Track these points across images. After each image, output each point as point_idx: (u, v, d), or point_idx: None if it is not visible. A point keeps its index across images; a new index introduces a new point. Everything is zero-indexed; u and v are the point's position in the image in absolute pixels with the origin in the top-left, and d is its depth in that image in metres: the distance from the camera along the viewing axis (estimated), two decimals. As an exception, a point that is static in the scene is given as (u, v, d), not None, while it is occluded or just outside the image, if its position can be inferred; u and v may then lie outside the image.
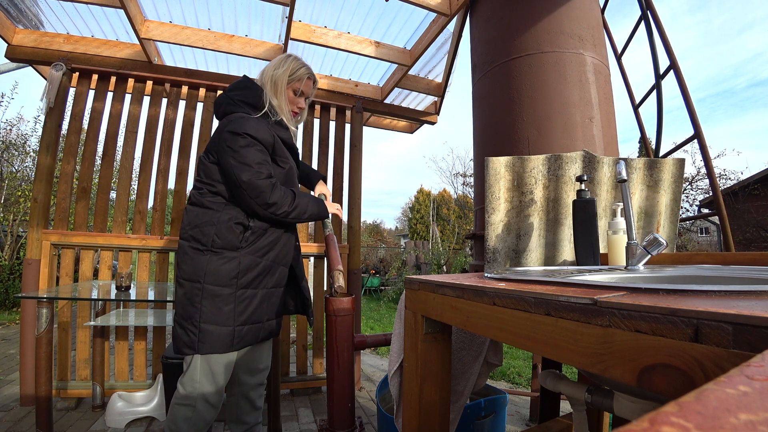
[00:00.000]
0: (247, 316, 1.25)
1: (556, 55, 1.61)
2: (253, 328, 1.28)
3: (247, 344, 1.27)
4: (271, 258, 1.33)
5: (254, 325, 1.28)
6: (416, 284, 0.87)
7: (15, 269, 5.48)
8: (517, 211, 1.25)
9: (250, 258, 1.26)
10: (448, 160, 41.88)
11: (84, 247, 2.27)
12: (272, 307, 1.35)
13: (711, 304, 0.37)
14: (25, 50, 2.33)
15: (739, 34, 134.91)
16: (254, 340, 1.29)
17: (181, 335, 1.22)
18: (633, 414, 0.84)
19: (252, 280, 1.27)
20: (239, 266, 1.24)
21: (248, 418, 1.43)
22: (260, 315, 1.30)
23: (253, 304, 1.27)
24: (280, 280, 1.38)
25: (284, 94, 1.35)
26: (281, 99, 1.35)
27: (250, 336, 1.27)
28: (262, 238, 1.29)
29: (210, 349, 1.19)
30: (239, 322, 1.23)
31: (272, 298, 1.35)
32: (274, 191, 1.24)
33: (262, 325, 1.31)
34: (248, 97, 1.33)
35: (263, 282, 1.31)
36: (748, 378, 0.17)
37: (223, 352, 1.21)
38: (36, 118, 6.95)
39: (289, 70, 1.34)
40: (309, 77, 1.39)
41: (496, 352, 1.21)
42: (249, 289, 1.26)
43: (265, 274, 1.31)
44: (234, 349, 1.24)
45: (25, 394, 2.11)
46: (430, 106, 3.34)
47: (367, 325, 5.09)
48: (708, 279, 0.74)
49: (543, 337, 0.52)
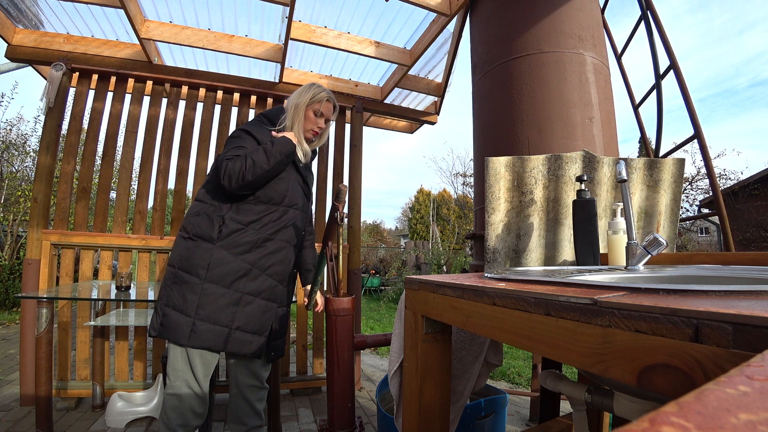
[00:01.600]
0: (208, 313, 1.20)
1: (556, 55, 1.61)
2: (214, 329, 1.20)
3: (205, 345, 1.20)
4: (250, 260, 1.27)
5: (216, 326, 1.20)
6: (416, 284, 0.87)
7: (15, 269, 5.48)
8: (517, 211, 1.25)
9: (223, 253, 1.24)
10: (448, 160, 41.94)
11: (84, 247, 2.27)
12: (248, 318, 1.25)
13: (711, 304, 0.37)
14: (25, 50, 2.33)
15: (740, 33, 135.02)
16: (216, 345, 1.21)
17: (152, 316, 1.27)
18: (633, 414, 0.84)
19: (222, 276, 1.22)
20: (210, 257, 1.23)
21: (248, 419, 1.41)
22: (226, 318, 1.22)
23: (219, 303, 1.21)
24: (262, 290, 1.29)
25: (302, 115, 1.41)
26: (296, 119, 1.41)
27: (208, 336, 1.20)
28: (238, 235, 1.26)
29: (167, 334, 1.20)
30: (199, 316, 1.19)
31: (248, 306, 1.26)
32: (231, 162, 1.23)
33: (228, 331, 1.22)
34: (270, 113, 1.46)
35: (237, 284, 1.24)
36: (748, 378, 0.17)
37: (179, 342, 1.19)
38: (36, 118, 6.96)
39: (310, 94, 1.42)
40: (328, 100, 1.44)
41: (496, 352, 1.21)
42: (218, 285, 1.22)
43: (241, 276, 1.25)
44: (190, 345, 1.19)
45: (25, 394, 2.11)
46: (430, 106, 3.34)
47: (367, 325, 5.09)
48: (708, 279, 0.74)
49: (543, 337, 0.52)
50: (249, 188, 1.27)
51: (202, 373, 1.26)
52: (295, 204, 1.39)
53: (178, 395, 1.23)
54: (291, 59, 2.66)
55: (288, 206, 1.37)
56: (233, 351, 1.24)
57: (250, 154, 1.25)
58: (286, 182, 1.36)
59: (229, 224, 1.26)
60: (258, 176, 1.24)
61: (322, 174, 2.76)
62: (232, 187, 1.23)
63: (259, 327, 1.29)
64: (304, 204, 1.46)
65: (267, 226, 1.32)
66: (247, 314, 1.26)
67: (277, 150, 1.28)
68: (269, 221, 1.32)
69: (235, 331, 1.24)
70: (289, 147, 1.31)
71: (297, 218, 1.40)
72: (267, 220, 1.32)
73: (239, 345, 1.24)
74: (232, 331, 1.23)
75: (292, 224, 1.38)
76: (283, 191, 1.35)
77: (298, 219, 1.41)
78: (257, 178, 1.24)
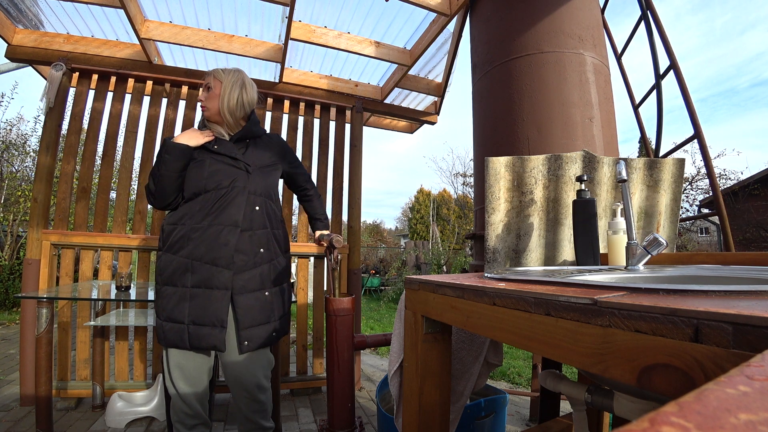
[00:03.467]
0: (167, 313, 1.29)
1: (556, 55, 1.61)
2: (175, 327, 1.27)
3: (172, 343, 1.27)
4: (185, 254, 1.29)
5: (175, 324, 1.27)
6: (416, 284, 0.87)
7: (15, 269, 5.48)
8: (517, 211, 1.25)
9: (167, 256, 1.33)
10: (448, 160, 41.90)
11: (84, 247, 2.27)
12: (200, 311, 1.27)
13: (711, 304, 0.37)
14: (25, 50, 2.33)
15: (741, 33, 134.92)
16: (180, 342, 1.26)
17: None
18: (633, 414, 0.84)
19: (170, 276, 1.31)
20: (160, 263, 1.34)
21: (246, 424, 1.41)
22: (179, 314, 1.27)
23: (172, 301, 1.29)
24: (206, 280, 1.29)
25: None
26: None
27: (173, 335, 1.27)
28: (173, 235, 1.33)
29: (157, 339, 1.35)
30: (163, 318, 1.29)
31: (197, 299, 1.28)
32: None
33: (185, 327, 1.27)
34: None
35: (181, 279, 1.29)
36: (748, 378, 0.17)
37: (159, 344, 1.33)
38: (36, 118, 6.96)
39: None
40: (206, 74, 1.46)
41: (496, 352, 1.21)
42: (169, 286, 1.31)
43: (183, 272, 1.29)
44: (164, 344, 1.29)
45: (25, 394, 2.11)
46: (430, 106, 3.34)
47: (367, 325, 5.09)
48: (708, 279, 0.74)
49: (543, 337, 0.52)
50: (165, 197, 1.36)
51: (177, 375, 1.31)
52: (223, 185, 1.34)
53: (169, 394, 1.35)
54: (291, 59, 2.66)
55: (215, 189, 1.34)
56: (195, 345, 1.27)
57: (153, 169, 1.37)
58: (199, 170, 1.36)
59: (166, 228, 1.36)
60: (159, 184, 1.34)
61: (322, 174, 2.76)
62: (153, 204, 1.40)
63: (213, 318, 1.27)
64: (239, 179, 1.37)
65: (195, 217, 1.32)
66: (197, 307, 1.28)
67: (161, 151, 1.35)
68: (196, 211, 1.33)
69: (190, 326, 1.28)
70: (168, 143, 1.34)
71: (237, 197, 1.35)
72: (193, 211, 1.33)
73: (197, 339, 1.27)
74: (188, 326, 1.28)
75: (231, 204, 1.34)
76: (200, 179, 1.35)
77: (239, 197, 1.35)
78: (160, 186, 1.34)
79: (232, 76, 1.42)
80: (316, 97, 2.79)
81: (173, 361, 1.31)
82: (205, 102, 1.41)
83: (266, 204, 1.43)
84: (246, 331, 1.31)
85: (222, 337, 1.28)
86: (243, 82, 1.44)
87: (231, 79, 1.42)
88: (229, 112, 1.41)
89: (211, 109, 1.40)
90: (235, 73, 1.44)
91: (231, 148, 1.40)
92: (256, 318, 1.34)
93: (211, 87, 1.41)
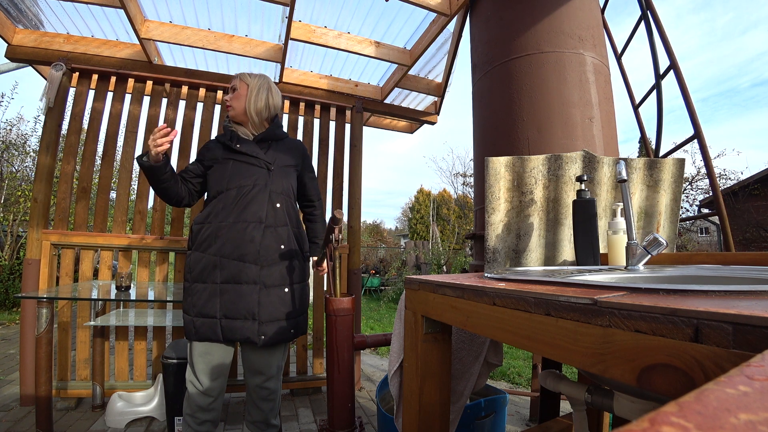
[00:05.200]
0: (198, 309, 1.33)
1: (556, 55, 1.61)
2: (207, 322, 1.32)
3: (205, 337, 1.32)
4: (214, 251, 1.34)
5: (207, 319, 1.32)
6: (416, 284, 0.87)
7: (15, 269, 5.48)
8: (517, 211, 1.25)
9: (196, 254, 1.38)
10: (448, 160, 41.91)
11: (84, 247, 2.27)
12: (231, 305, 1.32)
13: (711, 304, 0.37)
14: (25, 50, 2.33)
15: (743, 33, 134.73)
16: (214, 335, 1.32)
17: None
18: (633, 414, 0.84)
19: (199, 273, 1.35)
20: (189, 262, 1.39)
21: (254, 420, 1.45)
22: (211, 309, 1.32)
23: (203, 297, 1.33)
24: (235, 276, 1.33)
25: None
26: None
27: (206, 329, 1.32)
28: (200, 234, 1.38)
29: (185, 334, 1.37)
30: (194, 314, 1.34)
31: (227, 294, 1.33)
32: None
33: (217, 321, 1.32)
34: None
35: (211, 276, 1.34)
36: (748, 378, 0.17)
37: (189, 339, 1.36)
38: (36, 118, 6.96)
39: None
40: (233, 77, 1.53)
41: (496, 352, 1.21)
42: (199, 283, 1.35)
43: (212, 268, 1.34)
44: (195, 339, 1.34)
45: (25, 394, 2.11)
46: (430, 106, 3.34)
47: (367, 325, 5.09)
48: (708, 279, 0.74)
49: (543, 337, 0.52)
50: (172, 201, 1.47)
51: (201, 368, 1.35)
52: (245, 183, 1.39)
53: (189, 385, 1.37)
54: (291, 59, 2.66)
55: (236, 187, 1.39)
56: (228, 337, 1.33)
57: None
58: (222, 170, 1.42)
59: (194, 228, 1.41)
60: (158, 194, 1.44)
61: (322, 174, 2.76)
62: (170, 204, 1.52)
63: (244, 312, 1.33)
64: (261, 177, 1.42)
65: (219, 215, 1.37)
66: (228, 302, 1.33)
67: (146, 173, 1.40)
68: (220, 209, 1.38)
69: (223, 320, 1.33)
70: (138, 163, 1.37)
71: (259, 194, 1.39)
72: (218, 209, 1.38)
73: (230, 331, 1.32)
74: (220, 320, 1.33)
75: (253, 201, 1.38)
76: (223, 178, 1.41)
77: (261, 194, 1.40)
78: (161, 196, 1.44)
79: (258, 79, 1.50)
80: (316, 97, 2.79)
81: (198, 351, 1.35)
82: (230, 101, 1.47)
83: (287, 202, 1.48)
84: (264, 325, 1.35)
85: (254, 328, 1.33)
86: (269, 86, 1.52)
87: (257, 82, 1.49)
88: (256, 112, 1.47)
89: (236, 109, 1.47)
90: (262, 77, 1.52)
91: (253, 147, 1.45)
92: (274, 313, 1.37)
93: (237, 88, 1.48)
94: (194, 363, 1.35)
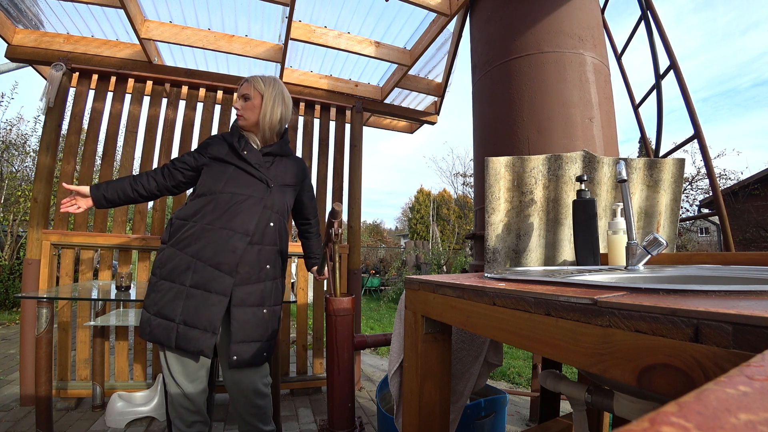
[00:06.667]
0: (159, 308, 1.25)
1: (556, 55, 1.61)
2: (163, 323, 1.23)
3: (157, 340, 1.24)
4: (191, 252, 1.27)
5: (164, 320, 1.24)
6: (416, 284, 0.87)
7: (15, 269, 5.48)
8: (517, 211, 1.25)
9: (171, 250, 1.30)
10: (448, 160, 41.91)
11: (84, 247, 2.27)
12: (193, 312, 1.23)
13: (711, 304, 0.37)
14: (25, 50, 2.33)
15: (744, 33, 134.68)
16: (166, 340, 1.23)
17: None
18: (633, 414, 0.84)
19: (170, 271, 1.27)
20: (162, 257, 1.31)
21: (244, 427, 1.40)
22: (171, 312, 1.23)
23: (167, 297, 1.25)
24: (206, 283, 1.25)
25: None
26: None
27: (160, 332, 1.23)
28: (182, 231, 1.30)
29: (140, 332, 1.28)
30: (153, 312, 1.26)
31: (192, 300, 1.24)
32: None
33: (174, 326, 1.23)
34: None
35: (181, 277, 1.25)
36: (748, 378, 0.17)
37: (142, 338, 1.27)
38: (36, 118, 6.96)
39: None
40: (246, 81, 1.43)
41: (496, 352, 1.21)
42: (167, 281, 1.27)
43: (184, 269, 1.26)
44: (148, 339, 1.25)
45: (25, 394, 2.11)
46: (430, 106, 3.34)
47: (367, 325, 5.09)
48: (708, 279, 0.74)
49: (543, 337, 0.52)
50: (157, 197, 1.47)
51: (178, 371, 1.29)
52: (240, 191, 1.33)
53: (167, 391, 1.31)
54: (291, 59, 2.66)
55: (230, 193, 1.32)
56: (180, 346, 1.23)
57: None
58: (222, 171, 1.36)
59: (175, 222, 1.33)
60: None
61: (322, 174, 2.76)
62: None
63: (205, 322, 1.23)
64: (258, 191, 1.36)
65: (207, 217, 1.30)
66: (191, 307, 1.24)
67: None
68: (209, 211, 1.31)
69: (180, 325, 1.23)
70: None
71: (252, 206, 1.33)
72: (207, 210, 1.31)
73: (184, 341, 1.23)
74: (177, 326, 1.23)
75: (244, 211, 1.32)
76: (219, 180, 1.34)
77: (254, 207, 1.34)
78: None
79: (272, 88, 1.41)
80: (316, 97, 2.80)
81: (172, 357, 1.28)
82: (242, 112, 1.39)
83: (280, 222, 1.42)
84: (237, 346, 1.28)
85: (211, 343, 1.24)
86: (283, 96, 1.44)
87: (272, 92, 1.40)
88: (269, 127, 1.41)
89: (249, 120, 1.40)
90: (275, 85, 1.43)
91: (259, 158, 1.39)
92: (249, 334, 1.30)
93: (250, 98, 1.39)
94: (169, 365, 1.29)
